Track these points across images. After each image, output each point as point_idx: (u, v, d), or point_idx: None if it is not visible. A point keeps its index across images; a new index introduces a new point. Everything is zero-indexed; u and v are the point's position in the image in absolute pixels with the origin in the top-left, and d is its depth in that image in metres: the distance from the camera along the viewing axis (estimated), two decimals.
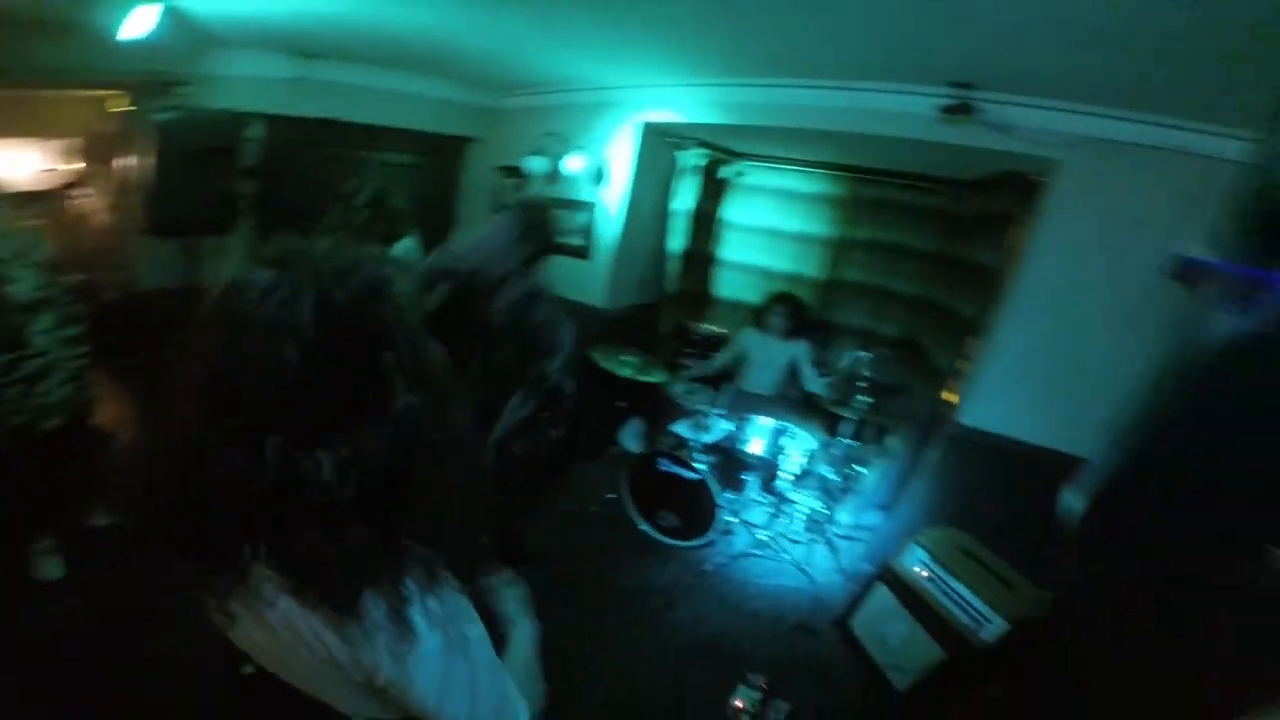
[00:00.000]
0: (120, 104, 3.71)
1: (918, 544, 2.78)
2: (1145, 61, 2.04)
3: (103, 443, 3.58)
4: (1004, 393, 2.93)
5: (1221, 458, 0.70)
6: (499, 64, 3.78)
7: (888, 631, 2.71)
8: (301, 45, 3.61)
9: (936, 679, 2.48)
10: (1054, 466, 2.71)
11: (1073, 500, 0.81)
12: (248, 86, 3.71)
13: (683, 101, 3.79)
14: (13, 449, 2.27)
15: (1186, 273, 2.38)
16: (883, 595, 2.81)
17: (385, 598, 0.72)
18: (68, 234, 3.83)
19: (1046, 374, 2.83)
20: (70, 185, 4.06)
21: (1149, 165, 2.56)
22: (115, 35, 2.78)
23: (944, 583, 2.61)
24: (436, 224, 3.25)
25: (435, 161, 4.89)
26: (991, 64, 2.40)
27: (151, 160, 3.14)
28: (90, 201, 4.07)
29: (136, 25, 2.66)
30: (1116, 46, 1.97)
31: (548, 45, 3.26)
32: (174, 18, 2.69)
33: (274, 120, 3.86)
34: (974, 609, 2.46)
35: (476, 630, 0.83)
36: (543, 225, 2.22)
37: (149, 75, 3.45)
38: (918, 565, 2.73)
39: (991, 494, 2.94)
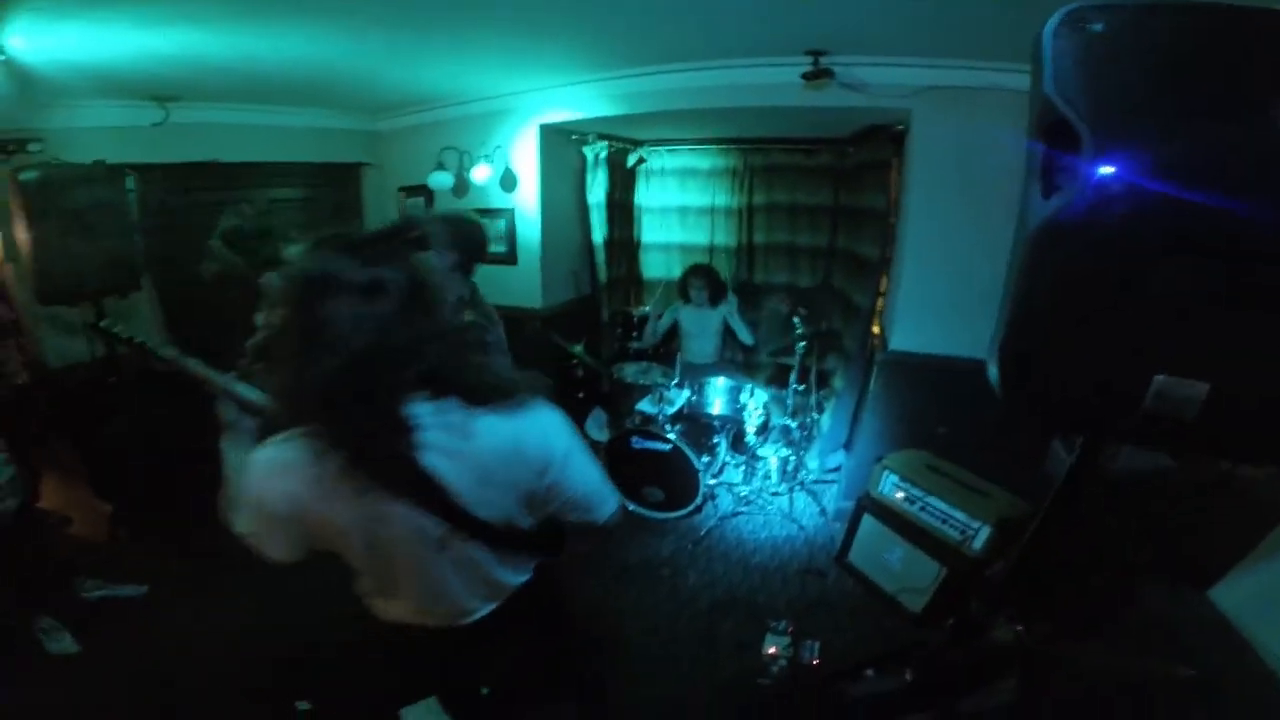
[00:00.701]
0: None
1: (887, 469, 2.95)
2: (965, 11, 2.34)
3: (57, 528, 3.38)
4: (917, 317, 3.26)
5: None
6: (380, 87, 3.66)
7: (888, 558, 2.85)
8: (152, 89, 3.31)
9: (946, 593, 2.60)
10: (976, 371, 3.13)
11: (992, 373, 0.99)
12: (107, 137, 3.37)
13: (577, 99, 3.85)
14: None
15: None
16: (871, 525, 2.96)
17: None
18: None
19: (945, 294, 3.17)
20: None
21: (985, 105, 2.92)
22: None
23: (923, 501, 2.77)
24: None
25: (329, 191, 4.65)
26: (839, 30, 2.67)
27: (29, 225, 2.83)
28: None
29: None
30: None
31: (427, 63, 3.21)
32: (6, 69, 2.40)
33: (145, 170, 3.52)
34: (958, 521, 2.63)
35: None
36: (467, 235, 2.28)
37: None
38: (894, 489, 2.90)
39: (933, 409, 3.23)
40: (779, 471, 3.82)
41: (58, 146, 3.17)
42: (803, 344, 3.66)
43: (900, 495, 2.85)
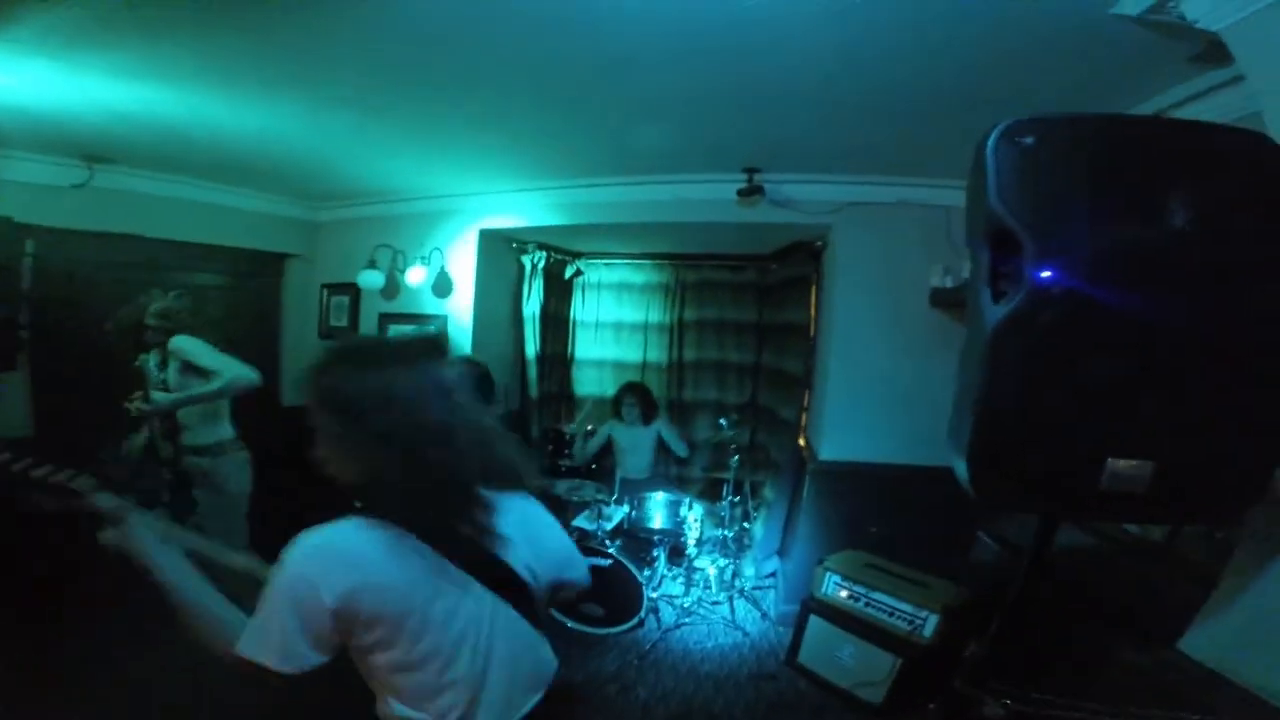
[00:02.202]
0: None
1: (829, 570, 3.06)
2: (884, 129, 2.70)
3: None
4: (843, 427, 3.48)
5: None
6: (321, 173, 3.72)
7: (839, 655, 2.92)
8: (87, 146, 3.21)
9: (903, 683, 2.70)
10: (901, 476, 3.36)
11: (959, 467, 1.12)
12: (16, 193, 3.19)
13: (520, 205, 4.04)
14: None
15: (940, 298, 3.20)
16: (818, 625, 3.03)
17: None
18: None
19: (869, 403, 3.42)
20: None
21: (896, 219, 3.34)
22: None
23: (868, 597, 2.90)
24: (260, 348, 2.89)
25: (250, 281, 4.50)
26: (773, 146, 3.01)
27: None
28: None
29: None
30: (860, 118, 2.59)
31: (378, 151, 3.31)
32: None
33: (48, 234, 3.31)
34: (905, 612, 2.77)
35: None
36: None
37: None
38: (837, 589, 3.00)
39: (863, 511, 3.41)
40: (718, 581, 3.82)
41: None
42: (736, 458, 3.81)
43: (844, 594, 2.97)
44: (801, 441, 3.89)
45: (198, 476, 2.86)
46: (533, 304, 4.64)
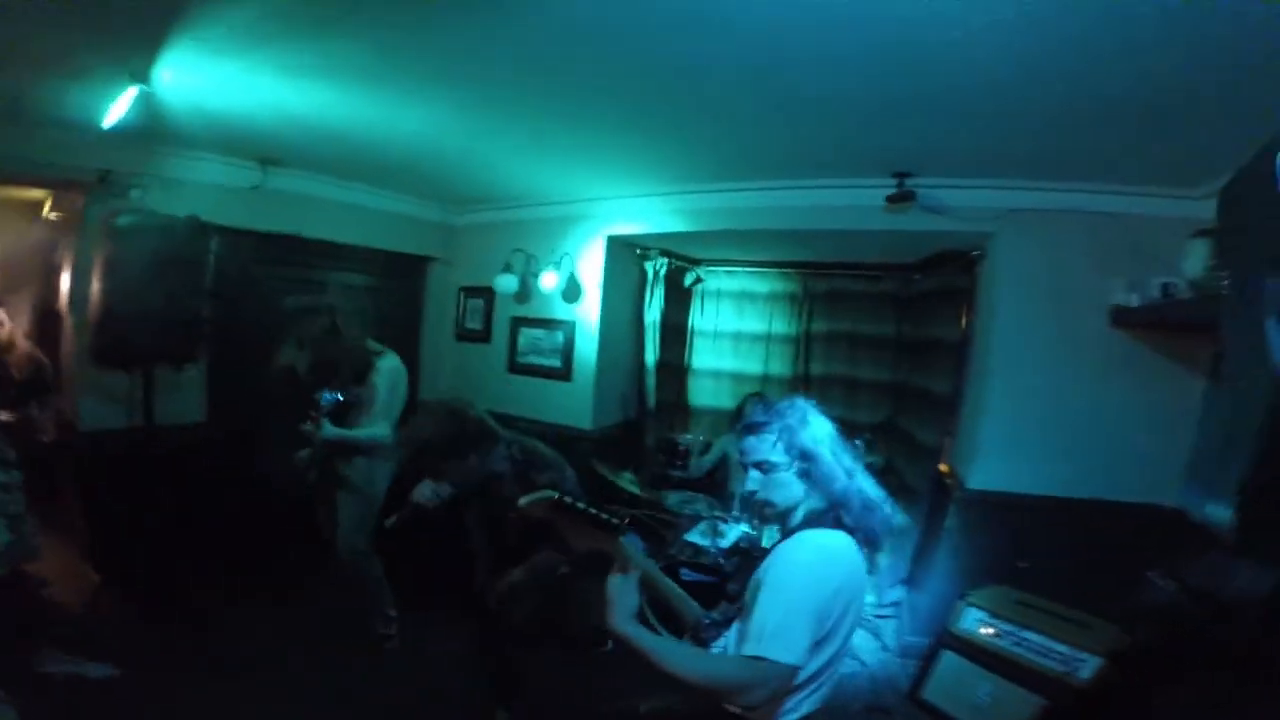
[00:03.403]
0: (61, 208, 3.35)
1: (972, 605, 2.91)
2: (1059, 136, 2.52)
3: (33, 589, 3.18)
4: (1001, 455, 3.24)
5: None
6: (463, 175, 3.88)
7: (973, 694, 2.77)
8: (261, 148, 3.52)
9: None
10: (1060, 510, 3.11)
11: (1216, 511, 0.99)
12: (202, 193, 3.51)
13: (645, 211, 4.08)
14: None
15: (1123, 318, 2.94)
16: (952, 661, 2.89)
17: None
18: None
19: (1034, 430, 3.18)
20: None
21: (1071, 228, 3.09)
22: (78, 119, 2.63)
23: (1016, 635, 2.74)
24: (400, 349, 3.14)
25: (394, 282, 4.82)
26: (927, 150, 2.85)
27: (104, 274, 2.81)
28: (16, 326, 3.55)
29: (116, 110, 2.51)
30: (1033, 124, 2.42)
31: (516, 154, 3.41)
32: (144, 104, 2.52)
33: (227, 233, 3.63)
34: (1059, 653, 2.61)
35: None
36: None
37: (103, 173, 3.20)
38: (980, 625, 2.85)
39: (1011, 546, 3.17)
40: None
41: (154, 195, 3.34)
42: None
43: (989, 630, 2.82)
44: (943, 467, 3.68)
45: (349, 477, 3.05)
46: (653, 311, 4.68)
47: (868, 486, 1.55)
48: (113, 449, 3.29)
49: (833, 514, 1.49)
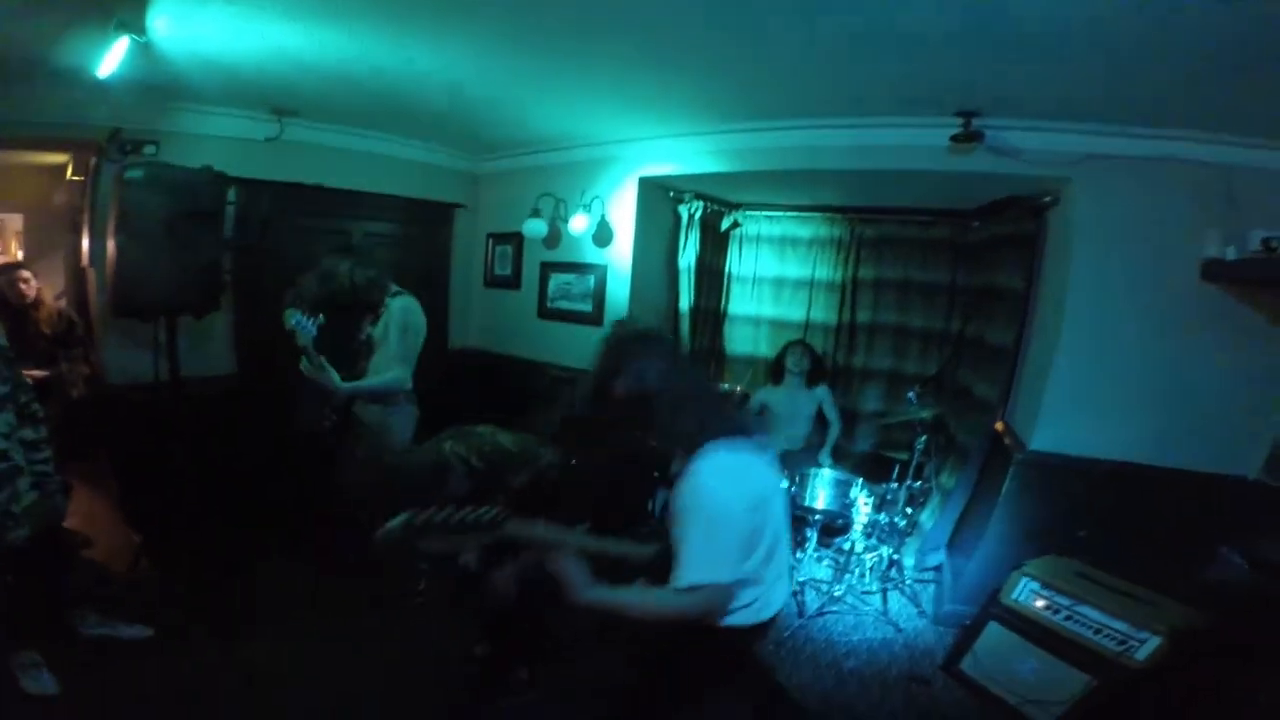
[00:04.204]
0: (81, 170, 3.32)
1: (1025, 575, 2.79)
2: (1151, 79, 2.25)
3: (75, 549, 3.23)
4: (1068, 414, 3.02)
5: None
6: (486, 120, 3.73)
7: (1016, 668, 2.67)
8: (275, 99, 3.42)
9: (1089, 706, 2.44)
10: (1131, 476, 2.89)
11: None
12: (218, 147, 3.43)
13: (680, 152, 3.85)
14: None
15: (1216, 271, 2.66)
16: (997, 633, 2.79)
17: None
18: (21, 323, 3.38)
19: (1105, 390, 2.95)
20: (21, 266, 3.55)
21: (1159, 176, 2.80)
22: (79, 74, 2.56)
23: (1071, 610, 2.62)
24: (430, 295, 3.02)
25: (420, 230, 4.72)
26: (997, 90, 2.59)
27: (116, 227, 2.75)
28: (47, 285, 3.59)
29: (109, 61, 2.42)
30: (1114, 66, 2.16)
31: (543, 94, 3.21)
32: (144, 56, 2.43)
33: (246, 184, 3.58)
34: (1116, 631, 2.48)
35: None
36: None
37: (113, 131, 3.16)
38: (1032, 597, 2.74)
39: (1074, 512, 2.99)
40: (875, 570, 3.57)
41: (170, 151, 3.26)
42: (924, 437, 3.41)
43: (1041, 603, 2.71)
44: (999, 425, 3.47)
45: (364, 425, 2.97)
46: (688, 256, 4.49)
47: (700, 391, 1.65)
48: (140, 402, 3.30)
49: (711, 431, 1.51)
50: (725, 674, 1.80)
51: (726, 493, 1.44)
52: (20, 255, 4.78)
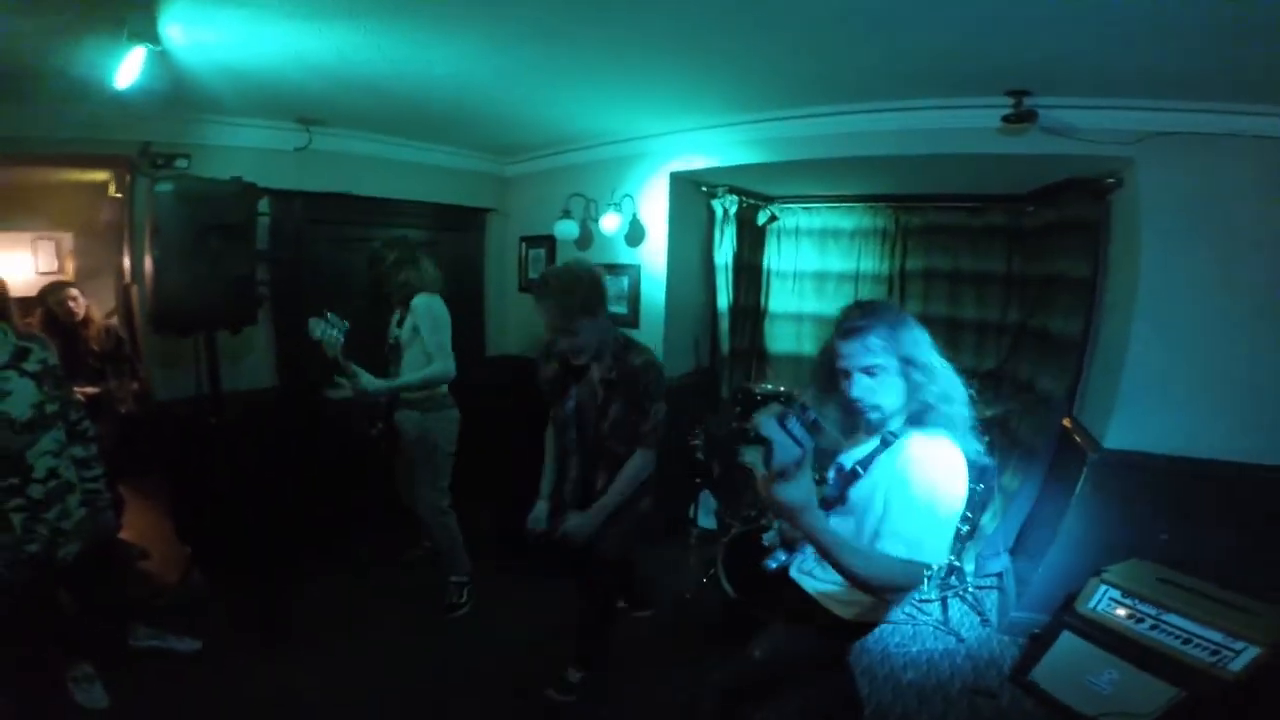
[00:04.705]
0: (121, 187, 3.37)
1: (1104, 582, 2.64)
2: (1218, 52, 2.07)
3: (129, 562, 3.35)
4: (1146, 409, 2.82)
5: None
6: (510, 121, 3.65)
7: (1094, 681, 2.54)
8: (299, 108, 3.40)
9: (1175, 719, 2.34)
10: (1218, 477, 2.70)
11: None
12: (249, 158, 3.44)
13: (711, 144, 3.73)
14: (32, 578, 2.16)
15: None
16: (1071, 643, 2.66)
17: None
18: (72, 341, 3.46)
19: (1185, 382, 2.75)
20: (70, 285, 3.63)
21: (1233, 154, 2.60)
22: (100, 88, 2.52)
23: (1156, 619, 2.48)
24: (465, 301, 2.97)
25: (453, 236, 4.70)
26: (1048, 68, 2.43)
27: (151, 243, 2.76)
28: (94, 302, 3.66)
29: (126, 73, 2.39)
30: (1175, 39, 2.01)
31: (569, 91, 3.11)
32: (164, 66, 2.42)
33: (278, 195, 3.61)
34: (1208, 640, 2.36)
35: None
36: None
37: (144, 145, 3.19)
38: (1112, 605, 2.59)
39: (1153, 513, 2.80)
40: (934, 577, 3.37)
41: (201, 164, 3.27)
42: (986, 440, 3.17)
43: (1122, 612, 2.57)
44: (1066, 422, 3.27)
45: (407, 432, 2.95)
46: (724, 252, 4.36)
47: (961, 385, 1.59)
48: (185, 416, 3.32)
49: (933, 414, 1.53)
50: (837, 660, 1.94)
51: (964, 484, 1.48)
52: (72, 273, 4.92)
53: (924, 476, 1.46)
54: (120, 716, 2.42)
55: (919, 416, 1.54)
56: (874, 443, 1.63)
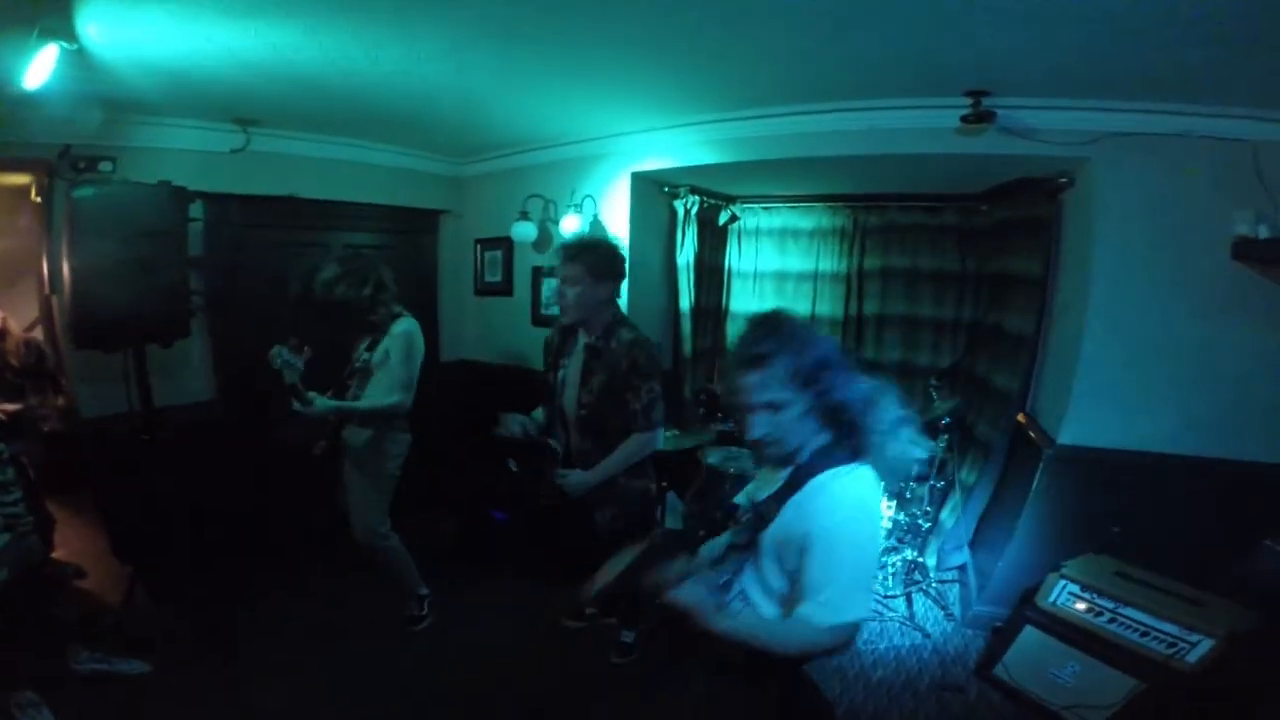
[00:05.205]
0: (41, 192, 3.13)
1: (1063, 577, 2.69)
2: (1171, 52, 2.12)
3: (64, 583, 3.16)
4: (1097, 405, 2.88)
5: None
6: (466, 122, 3.55)
7: (1056, 673, 2.59)
8: (234, 108, 3.22)
9: (1136, 711, 2.38)
10: (1163, 468, 2.78)
11: None
12: (181, 161, 3.25)
13: (673, 144, 3.70)
14: None
15: (1248, 250, 2.54)
16: (1034, 637, 2.71)
17: None
18: None
19: (1135, 378, 2.82)
20: None
21: (1184, 153, 2.67)
22: (19, 88, 2.31)
23: (1114, 613, 2.54)
24: (419, 305, 2.86)
25: (404, 239, 4.56)
26: (1006, 69, 2.46)
27: (69, 250, 2.59)
28: (14, 314, 3.38)
29: (36, 72, 2.19)
30: (1131, 40, 2.04)
31: (520, 92, 3.04)
32: (82, 65, 2.25)
33: (214, 199, 3.42)
34: (1165, 633, 2.40)
35: None
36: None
37: (64, 148, 2.96)
38: (1071, 599, 2.65)
39: (1105, 507, 2.86)
40: (898, 573, 3.48)
41: (130, 168, 3.07)
42: (945, 437, 3.24)
43: (1081, 606, 2.62)
44: (1021, 418, 3.35)
45: (355, 449, 2.81)
46: (686, 253, 4.33)
47: (886, 397, 1.40)
48: (116, 433, 3.11)
49: (848, 445, 1.37)
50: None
51: (878, 521, 1.45)
52: None
53: (842, 528, 1.31)
54: None
55: (831, 447, 1.38)
56: (783, 476, 1.44)
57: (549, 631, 3.09)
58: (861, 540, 1.34)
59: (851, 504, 1.33)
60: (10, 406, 3.17)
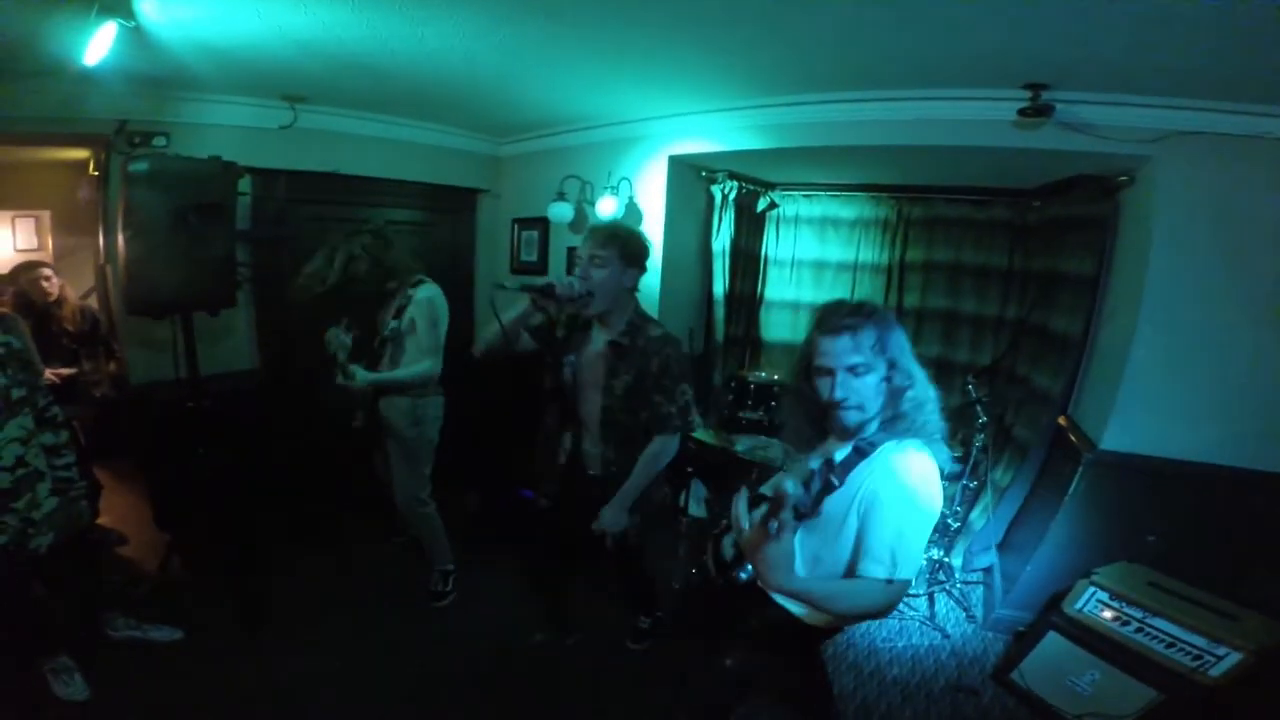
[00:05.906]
0: (99, 166, 3.24)
1: (1093, 584, 2.65)
2: (1247, 51, 2.02)
3: (106, 550, 3.28)
4: (1146, 411, 2.80)
5: None
6: (506, 100, 3.53)
7: (1075, 681, 2.58)
8: (283, 85, 3.28)
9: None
10: (1215, 481, 2.69)
11: None
12: (231, 136, 3.34)
13: (712, 128, 3.65)
14: (2, 571, 2.10)
15: None
16: (1056, 643, 2.68)
17: None
18: (45, 322, 3.39)
19: (1189, 385, 2.73)
20: (43, 264, 3.51)
21: (1250, 154, 2.54)
22: (76, 67, 2.41)
23: (1142, 623, 2.50)
24: (455, 283, 2.86)
25: (443, 217, 4.61)
26: (1067, 62, 2.38)
27: (124, 223, 2.66)
28: (73, 282, 3.53)
29: (96, 49, 2.29)
30: (1200, 38, 1.96)
31: (560, 72, 3.02)
32: (140, 43, 2.32)
33: (262, 175, 3.52)
34: (1191, 645, 2.37)
35: None
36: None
37: (120, 124, 3.08)
38: (1099, 607, 2.61)
39: (1145, 517, 2.80)
40: (923, 572, 3.44)
41: (182, 143, 3.18)
42: (982, 436, 3.23)
43: (1109, 615, 2.59)
44: (1062, 420, 3.27)
45: (394, 420, 2.88)
46: (722, 239, 4.31)
47: (935, 392, 1.57)
48: (163, 400, 3.22)
49: (906, 421, 1.51)
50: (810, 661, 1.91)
51: (940, 496, 1.49)
52: (51, 252, 4.78)
53: (904, 494, 1.45)
54: (101, 709, 2.38)
55: (893, 423, 1.52)
56: (847, 449, 1.55)
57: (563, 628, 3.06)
58: (922, 507, 1.45)
59: (918, 472, 1.46)
60: (65, 371, 3.32)
